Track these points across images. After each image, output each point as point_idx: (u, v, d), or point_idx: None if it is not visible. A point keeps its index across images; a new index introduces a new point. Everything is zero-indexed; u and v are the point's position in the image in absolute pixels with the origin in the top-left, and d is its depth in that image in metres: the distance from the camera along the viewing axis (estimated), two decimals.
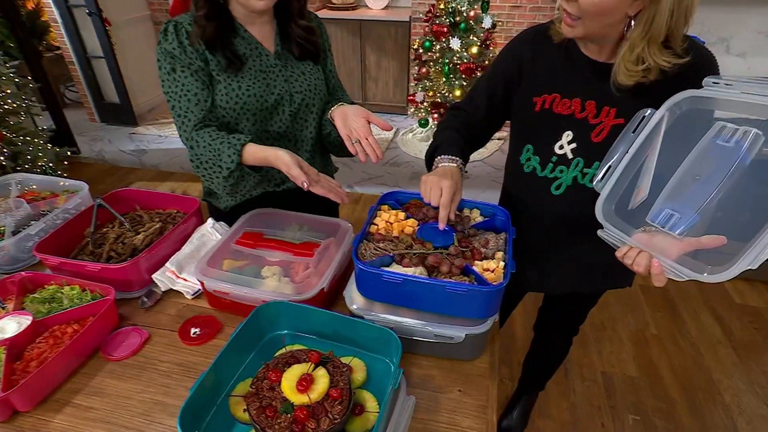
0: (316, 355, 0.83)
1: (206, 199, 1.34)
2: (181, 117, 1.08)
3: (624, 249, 0.86)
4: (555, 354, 1.69)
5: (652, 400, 2.00)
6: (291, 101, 1.16)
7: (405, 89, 4.38)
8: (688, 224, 0.78)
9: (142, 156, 3.90)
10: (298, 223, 1.21)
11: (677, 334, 2.32)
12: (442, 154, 1.08)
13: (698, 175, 0.79)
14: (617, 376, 2.10)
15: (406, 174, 3.59)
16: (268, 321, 0.95)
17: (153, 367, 0.96)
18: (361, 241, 0.99)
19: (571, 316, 1.51)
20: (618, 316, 2.42)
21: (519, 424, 1.87)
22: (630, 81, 0.90)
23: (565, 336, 1.60)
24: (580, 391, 2.03)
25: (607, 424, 1.89)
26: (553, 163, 1.06)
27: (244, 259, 1.10)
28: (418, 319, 0.94)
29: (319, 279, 1.01)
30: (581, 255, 1.17)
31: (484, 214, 1.13)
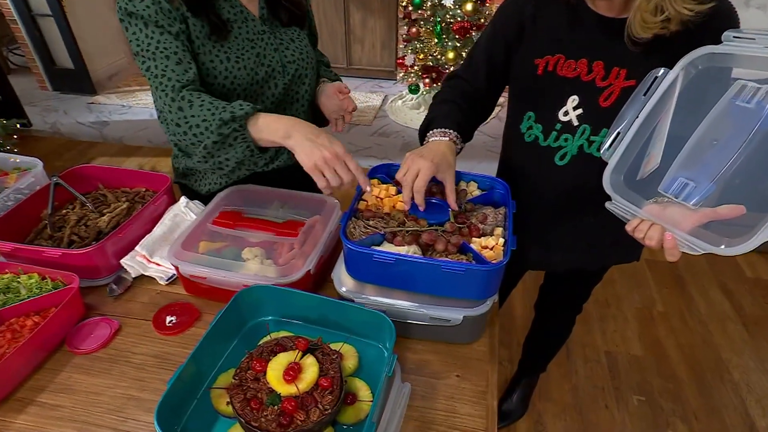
0: (303, 342, 0.83)
1: (180, 181, 1.31)
2: (159, 77, 0.99)
3: (635, 222, 0.86)
4: (557, 334, 1.72)
5: (657, 380, 2.06)
6: (284, 72, 1.13)
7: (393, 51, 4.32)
8: (704, 194, 0.78)
9: (103, 128, 3.82)
10: (280, 201, 1.20)
11: (685, 311, 2.38)
12: (435, 128, 1.07)
13: (715, 139, 0.79)
14: (622, 355, 2.16)
15: (395, 145, 3.57)
16: (251, 307, 0.95)
17: (125, 360, 0.95)
18: (350, 218, 0.98)
19: (574, 294, 1.53)
20: (623, 293, 2.47)
21: (519, 408, 1.91)
22: (647, 34, 0.89)
23: (567, 315, 1.63)
24: (582, 372, 2.08)
25: (611, 405, 1.95)
26: (556, 132, 1.05)
27: (222, 241, 1.09)
28: (412, 301, 0.94)
29: (305, 260, 1.01)
30: (586, 229, 1.17)
31: (482, 187, 1.13)
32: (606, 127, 0.97)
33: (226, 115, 0.94)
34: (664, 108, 0.86)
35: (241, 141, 0.97)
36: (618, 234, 0.91)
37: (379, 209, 1.03)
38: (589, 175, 1.02)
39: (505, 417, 1.89)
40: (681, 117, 0.85)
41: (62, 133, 3.76)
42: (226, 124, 0.94)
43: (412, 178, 0.96)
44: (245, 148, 0.98)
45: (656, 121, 0.87)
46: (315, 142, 0.92)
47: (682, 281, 2.54)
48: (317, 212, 1.15)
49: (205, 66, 1.04)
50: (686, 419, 1.90)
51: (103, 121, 3.92)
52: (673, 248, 0.81)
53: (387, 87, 4.45)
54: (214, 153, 0.99)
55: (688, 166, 0.81)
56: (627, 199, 0.89)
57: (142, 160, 3.45)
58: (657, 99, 0.87)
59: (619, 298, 2.44)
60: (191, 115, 0.97)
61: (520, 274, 1.60)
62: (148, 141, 3.65)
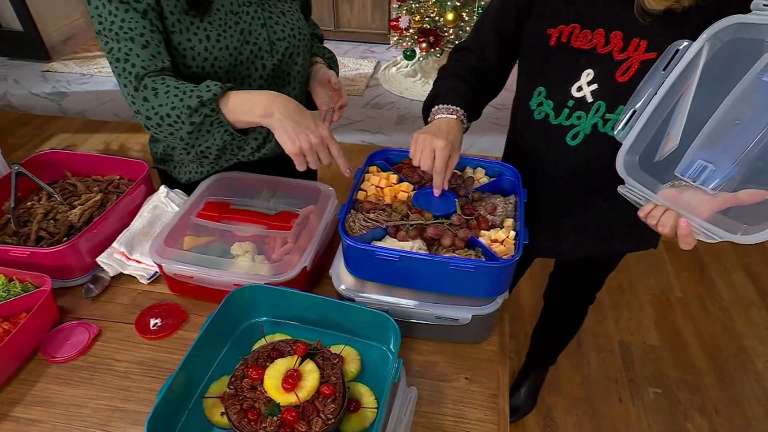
0: (302, 346, 0.85)
1: (158, 166, 1.31)
2: (122, 62, 0.96)
3: (647, 207, 0.88)
4: (568, 326, 1.76)
5: (675, 371, 2.12)
6: (272, 51, 1.11)
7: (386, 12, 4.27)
8: (724, 177, 0.80)
9: (61, 101, 3.77)
10: (269, 189, 1.21)
11: (705, 297, 2.43)
12: (440, 104, 1.08)
13: (739, 119, 0.80)
14: (636, 345, 2.21)
15: (390, 118, 3.57)
16: (243, 308, 0.97)
17: (107, 368, 0.97)
18: (348, 211, 1.00)
19: (586, 283, 1.56)
20: (638, 278, 2.52)
21: (527, 403, 1.97)
22: (659, 6, 0.89)
23: (579, 306, 1.67)
24: (594, 364, 2.13)
25: (625, 398, 2.01)
26: (569, 109, 1.06)
27: (208, 235, 1.10)
28: (417, 299, 0.96)
29: (300, 256, 1.02)
30: (599, 215, 1.20)
31: (490, 173, 1.15)
32: (622, 104, 0.98)
33: (193, 101, 0.93)
34: (686, 84, 0.87)
35: (217, 126, 0.96)
36: (633, 220, 0.93)
37: (379, 200, 1.04)
38: (603, 157, 1.04)
39: (513, 412, 1.94)
40: (703, 94, 0.85)
41: (14, 106, 3.70)
42: (195, 111, 0.93)
43: (431, 158, 0.97)
44: (223, 133, 0.96)
45: (676, 99, 0.88)
46: (299, 123, 0.92)
47: (703, 264, 2.59)
48: (311, 201, 1.16)
49: (181, 46, 1.01)
50: (706, 412, 1.97)
51: (61, 92, 3.86)
52: (687, 235, 0.83)
53: (379, 52, 4.41)
54: (193, 143, 0.98)
55: (707, 148, 0.82)
56: (641, 182, 0.90)
57: (108, 137, 3.42)
58: (678, 74, 0.87)
59: (634, 284, 2.49)
60: (158, 104, 0.95)
61: (529, 263, 1.62)
62: (114, 115, 3.62)
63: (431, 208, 1.00)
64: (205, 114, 0.93)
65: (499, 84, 1.22)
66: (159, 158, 1.28)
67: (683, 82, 0.87)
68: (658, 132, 0.90)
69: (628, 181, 0.92)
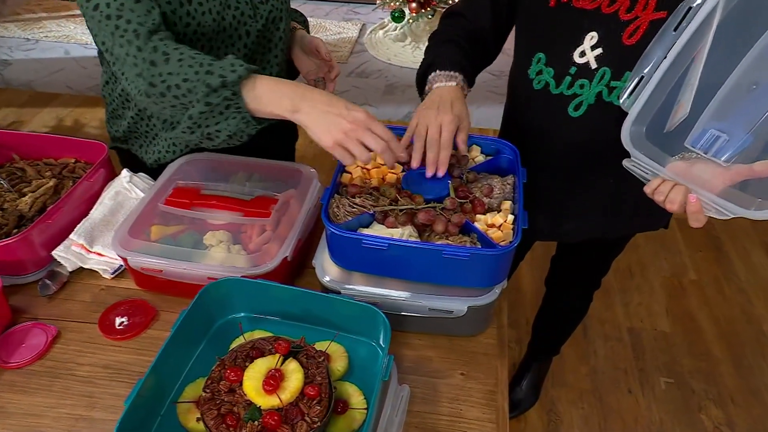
0: (284, 344, 0.86)
1: (120, 146, 1.30)
2: (114, 18, 0.92)
3: (655, 183, 0.89)
4: (572, 313, 1.80)
5: (688, 359, 2.16)
6: (255, 16, 1.11)
7: None
8: (738, 147, 0.80)
9: (4, 70, 3.70)
10: (245, 172, 1.21)
11: (722, 279, 2.47)
12: (437, 70, 1.08)
13: (755, 83, 0.80)
14: (647, 332, 2.26)
15: (377, 87, 3.55)
16: (219, 303, 0.98)
17: (69, 373, 0.97)
18: (332, 195, 1.00)
19: (591, 266, 1.59)
20: (648, 260, 2.55)
21: (529, 396, 2.01)
22: None
23: (584, 292, 1.69)
24: (602, 353, 2.18)
25: (635, 389, 2.06)
26: (571, 76, 1.07)
27: (178, 224, 1.10)
28: (408, 290, 0.98)
29: (280, 245, 1.03)
30: (605, 192, 1.21)
31: (486, 151, 1.16)
32: (630, 70, 0.98)
33: (215, 80, 0.89)
34: (698, 46, 0.86)
35: (234, 112, 0.92)
36: (642, 198, 0.94)
37: (366, 183, 1.05)
38: (609, 129, 1.05)
39: (514, 407, 1.98)
40: (718, 57, 0.85)
41: None
42: (215, 91, 0.89)
43: (437, 133, 0.97)
44: (240, 120, 0.93)
45: (688, 62, 0.88)
46: (330, 112, 0.90)
47: (719, 243, 2.63)
48: (291, 185, 1.17)
49: (161, 10, 0.99)
50: (721, 403, 2.02)
51: (2, 60, 3.79)
52: (697, 212, 0.84)
53: (364, 14, 4.37)
54: (201, 123, 0.94)
55: (720, 116, 0.83)
56: (648, 155, 0.91)
57: (60, 111, 3.37)
58: (690, 35, 0.86)
59: (644, 266, 2.53)
60: (168, 72, 0.91)
61: (528, 246, 1.64)
62: (66, 87, 3.56)
63: (422, 191, 1.01)
64: (224, 97, 0.90)
65: (494, 51, 1.22)
66: (121, 137, 1.27)
67: (695, 44, 0.86)
68: (667, 100, 0.90)
69: (634, 154, 0.92)
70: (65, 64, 3.76)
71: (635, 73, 0.92)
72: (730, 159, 0.81)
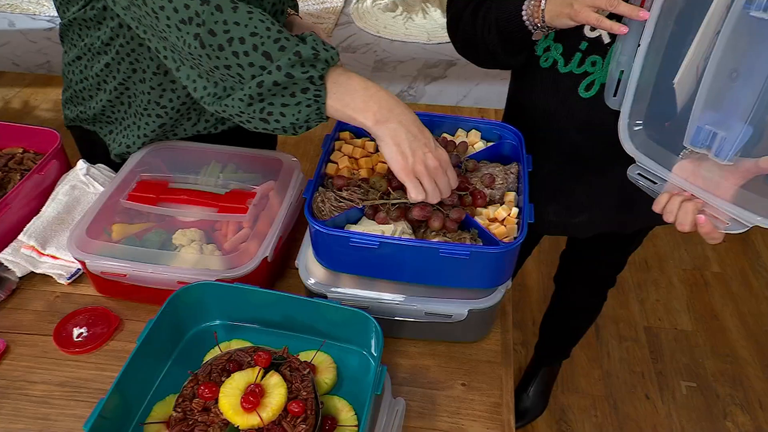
0: (264, 355, 0.86)
1: (83, 126, 1.26)
2: None
3: (662, 200, 0.89)
4: (584, 313, 1.80)
5: (712, 360, 2.18)
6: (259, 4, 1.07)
7: None
8: (739, 141, 0.80)
9: None
10: (219, 162, 1.20)
11: (748, 271, 2.49)
12: None
13: (735, 69, 0.80)
14: (666, 331, 2.27)
15: (365, 63, 3.54)
16: (191, 311, 0.97)
17: (19, 393, 0.95)
18: (316, 188, 1.00)
19: (606, 263, 1.60)
20: (667, 251, 2.57)
21: (538, 404, 2.02)
22: None
23: (597, 290, 1.70)
24: (616, 355, 2.19)
25: (653, 395, 2.07)
26: (582, 53, 1.07)
27: (143, 222, 1.09)
28: (403, 293, 0.97)
29: (259, 245, 1.02)
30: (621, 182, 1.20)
31: (487, 137, 1.15)
32: None
33: (307, 51, 0.83)
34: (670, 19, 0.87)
35: (312, 98, 0.86)
36: None
37: (354, 174, 1.04)
38: None
39: (521, 416, 2.00)
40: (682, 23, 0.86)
41: None
42: (302, 64, 0.83)
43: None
44: (314, 110, 0.87)
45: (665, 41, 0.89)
46: (418, 140, 0.88)
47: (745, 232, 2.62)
48: (271, 176, 1.16)
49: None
50: (749, 408, 2.04)
51: None
52: (710, 233, 0.85)
53: None
54: (267, 97, 0.86)
55: (711, 110, 0.83)
56: (653, 157, 0.91)
57: (6, 92, 3.32)
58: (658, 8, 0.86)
59: (662, 258, 2.54)
60: (234, 22, 0.83)
61: (536, 241, 1.64)
62: (13, 64, 3.52)
63: None
64: (310, 75, 0.84)
65: None
66: (88, 119, 1.23)
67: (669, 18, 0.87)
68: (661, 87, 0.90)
69: (639, 159, 0.93)
70: (10, 37, 3.71)
71: (614, 68, 0.93)
72: (734, 155, 0.81)
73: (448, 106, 3.34)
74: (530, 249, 1.66)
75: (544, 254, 2.46)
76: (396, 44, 3.67)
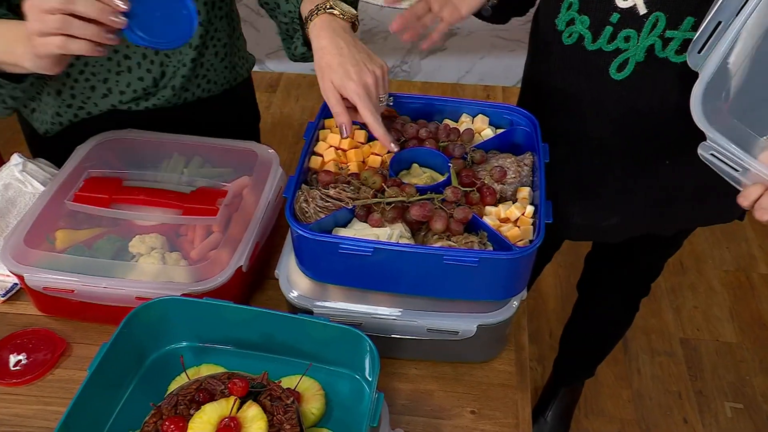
0: (240, 383, 0.86)
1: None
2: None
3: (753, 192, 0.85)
4: (612, 326, 1.81)
5: (761, 377, 2.19)
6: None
7: None
8: None
9: None
10: (182, 154, 1.20)
11: None
12: None
13: None
14: (706, 344, 2.27)
15: None
16: (153, 331, 0.97)
17: None
18: (299, 185, 0.99)
19: (639, 269, 1.60)
20: (705, 250, 2.57)
21: (557, 428, 2.03)
22: None
23: (628, 300, 1.71)
24: (648, 372, 2.20)
25: (693, 418, 2.08)
26: (613, 26, 1.06)
27: (93, 227, 1.09)
28: (401, 306, 0.97)
29: (232, 252, 1.02)
30: (658, 177, 1.21)
31: (496, 123, 1.15)
32: (692, 15, 0.98)
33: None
34: None
35: None
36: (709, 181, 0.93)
37: (342, 169, 1.04)
38: (664, 94, 1.05)
39: None
40: None
41: None
42: None
43: None
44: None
45: None
46: None
47: None
48: (244, 171, 1.16)
49: None
50: None
51: None
52: None
53: None
54: None
55: None
56: (731, 136, 0.87)
57: None
58: None
59: (700, 258, 2.55)
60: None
61: (556, 246, 1.65)
62: None
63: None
64: None
65: None
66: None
67: None
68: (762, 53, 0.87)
69: (711, 136, 0.89)
70: None
71: (710, 17, 0.88)
72: None
73: (448, 83, 3.33)
74: (550, 255, 1.67)
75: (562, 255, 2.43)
76: (386, 11, 3.66)
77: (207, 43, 1.23)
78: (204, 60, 1.25)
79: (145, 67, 1.19)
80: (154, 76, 1.21)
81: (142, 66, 1.19)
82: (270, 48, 3.39)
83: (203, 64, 1.25)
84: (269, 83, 3.29)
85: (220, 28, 1.25)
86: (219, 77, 1.30)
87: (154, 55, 1.18)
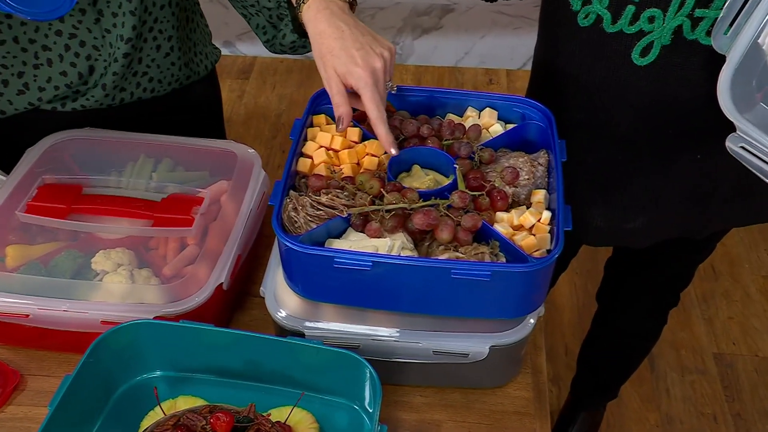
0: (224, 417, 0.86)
1: None
2: None
3: None
4: (636, 341, 1.82)
5: None
6: None
7: None
8: None
9: None
10: (150, 155, 1.20)
11: None
12: None
13: None
14: (743, 359, 2.28)
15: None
16: (122, 360, 0.97)
17: None
18: (286, 192, 1.00)
19: (667, 276, 1.61)
20: (741, 252, 2.58)
21: None
22: None
23: (655, 311, 1.72)
24: (678, 393, 2.21)
25: None
26: (635, 5, 1.06)
27: (49, 241, 1.09)
28: (402, 327, 0.98)
29: (211, 268, 1.03)
30: (689, 175, 1.22)
31: (505, 117, 1.16)
32: None
33: None
34: None
35: None
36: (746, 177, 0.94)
37: (335, 173, 1.04)
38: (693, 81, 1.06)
39: None
40: None
41: None
42: None
43: None
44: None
45: None
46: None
47: None
48: (222, 175, 1.17)
49: None
50: None
51: None
52: None
53: None
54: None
55: None
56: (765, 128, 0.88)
57: None
58: None
59: (734, 262, 2.56)
60: None
61: (573, 252, 1.65)
62: None
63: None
64: None
65: None
66: None
67: None
68: None
69: (741, 126, 0.90)
70: None
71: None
72: None
73: (446, 67, 3.31)
74: (566, 262, 1.68)
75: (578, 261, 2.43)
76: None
77: (144, 35, 1.21)
78: (141, 55, 1.23)
79: (68, 61, 1.18)
80: (79, 71, 1.19)
81: (65, 59, 1.18)
82: (242, 28, 3.38)
83: (141, 59, 1.23)
84: (241, 69, 3.27)
85: (161, 18, 1.22)
86: (165, 75, 1.28)
87: (79, 47, 1.16)
